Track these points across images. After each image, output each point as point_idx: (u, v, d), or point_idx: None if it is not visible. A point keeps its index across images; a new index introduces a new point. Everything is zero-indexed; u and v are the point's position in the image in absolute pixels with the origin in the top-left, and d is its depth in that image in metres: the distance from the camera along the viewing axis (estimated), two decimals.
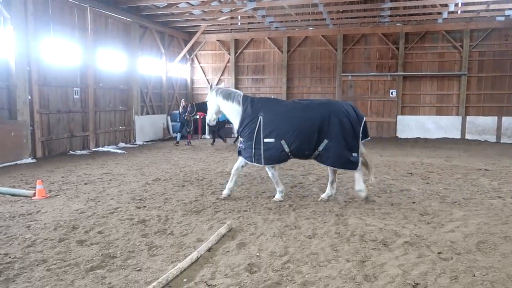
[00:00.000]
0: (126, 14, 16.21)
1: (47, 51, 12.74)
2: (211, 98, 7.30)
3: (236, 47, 21.61)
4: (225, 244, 4.87)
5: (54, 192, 7.63)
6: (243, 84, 21.90)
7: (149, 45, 18.66)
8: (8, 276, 3.96)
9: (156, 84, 19.43)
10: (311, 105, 6.68)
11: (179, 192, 7.70)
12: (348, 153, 6.46)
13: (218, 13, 17.94)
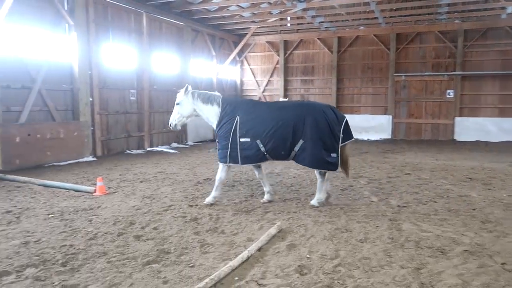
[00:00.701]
0: (179, 18, 16.77)
1: (106, 56, 13.49)
2: (186, 101, 6.99)
3: (285, 48, 21.62)
4: (275, 244, 4.89)
5: (113, 189, 8.06)
6: (292, 85, 21.86)
7: (201, 47, 19.16)
8: (73, 266, 4.24)
9: (207, 85, 19.89)
10: (287, 106, 6.67)
11: (230, 192, 7.83)
12: (325, 153, 6.32)
13: (267, 15, 18.05)
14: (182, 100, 7.02)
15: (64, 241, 5.00)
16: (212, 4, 15.79)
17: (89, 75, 12.65)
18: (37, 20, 11.11)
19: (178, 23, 16.99)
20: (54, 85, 11.69)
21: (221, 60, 20.73)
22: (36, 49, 11.17)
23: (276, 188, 8.15)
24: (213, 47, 20.07)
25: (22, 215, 6.14)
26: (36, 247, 4.77)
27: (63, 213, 6.28)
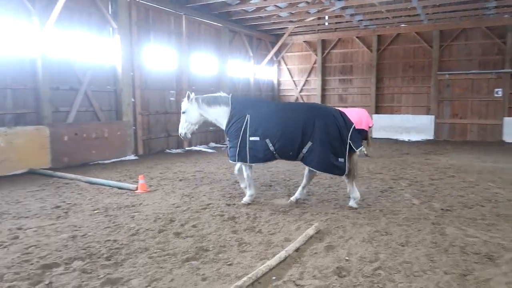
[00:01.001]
0: (217, 19, 17.01)
1: (147, 57, 13.91)
2: (191, 108, 7.06)
3: (323, 48, 21.40)
4: (313, 245, 4.85)
5: (154, 186, 8.29)
6: (330, 85, 21.60)
7: (238, 48, 19.33)
8: (117, 260, 4.41)
9: (244, 86, 20.05)
10: (298, 107, 6.68)
11: (267, 191, 7.85)
12: (333, 157, 6.24)
13: (305, 14, 17.93)
14: (187, 108, 7.11)
15: (109, 236, 5.20)
16: (250, 5, 15.89)
17: (131, 76, 13.10)
18: (84, 25, 11.64)
19: (216, 24, 17.24)
20: (99, 86, 12.21)
21: (258, 61, 20.82)
22: (82, 52, 11.71)
23: (314, 188, 8.08)
24: (251, 47, 20.19)
25: (70, 210, 6.46)
26: (82, 241, 5.00)
27: (107, 209, 6.54)
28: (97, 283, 3.84)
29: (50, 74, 10.66)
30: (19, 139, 9.69)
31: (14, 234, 5.28)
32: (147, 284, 3.83)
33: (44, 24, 10.19)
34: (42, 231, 5.40)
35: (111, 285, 3.81)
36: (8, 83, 9.92)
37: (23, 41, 10.23)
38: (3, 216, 6.14)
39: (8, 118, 10.01)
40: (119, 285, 3.83)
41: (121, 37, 12.57)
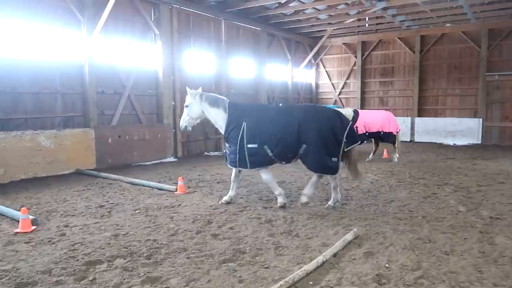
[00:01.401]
0: (255, 23, 17.13)
1: (187, 62, 14.24)
2: (194, 103, 7.14)
3: (363, 50, 20.96)
4: (351, 251, 4.74)
5: (192, 188, 8.44)
6: (370, 88, 21.11)
7: (276, 51, 19.35)
8: (157, 259, 4.51)
9: (282, 89, 20.02)
10: (292, 110, 6.73)
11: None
12: (326, 158, 6.40)
13: (344, 16, 17.66)
14: (190, 103, 7.19)
15: (149, 235, 5.35)
16: (289, 8, 15.88)
17: (172, 80, 13.45)
18: (128, 32, 12.10)
19: (254, 28, 17.36)
20: (141, 90, 12.63)
21: (296, 64, 20.74)
22: (126, 57, 12.17)
23: (352, 193, 7.91)
24: (289, 50, 20.15)
25: (113, 210, 6.70)
26: (124, 240, 5.17)
27: (147, 209, 6.73)
28: (137, 281, 3.95)
29: (96, 79, 11.16)
30: (68, 141, 10.21)
31: (61, 231, 5.55)
32: (185, 284, 3.89)
33: (92, 32, 10.69)
34: (87, 229, 5.63)
35: (150, 284, 3.91)
36: (58, 88, 10.49)
37: (72, 48, 10.78)
38: (52, 213, 6.48)
39: (57, 121, 10.57)
40: (158, 283, 3.91)
41: (163, 43, 12.94)
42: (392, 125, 12.01)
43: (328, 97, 22.44)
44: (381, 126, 11.92)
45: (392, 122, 12.08)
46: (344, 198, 7.43)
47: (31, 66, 9.88)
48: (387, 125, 11.96)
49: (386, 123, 11.94)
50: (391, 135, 12.06)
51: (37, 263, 4.40)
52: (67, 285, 3.89)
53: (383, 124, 11.95)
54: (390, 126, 11.98)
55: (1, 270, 4.22)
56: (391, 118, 12.14)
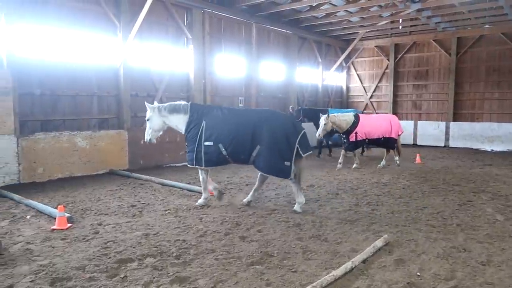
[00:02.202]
0: (286, 27, 17.13)
1: (218, 65, 14.42)
2: (154, 116, 7.31)
3: (396, 52, 20.52)
4: (381, 258, 4.64)
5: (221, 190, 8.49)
6: (403, 91, 20.63)
7: (307, 54, 19.26)
8: (185, 260, 4.58)
9: (312, 92, 19.90)
10: (248, 113, 7.05)
11: (333, 199, 7.68)
12: (279, 161, 6.51)
13: (377, 18, 17.35)
14: (150, 116, 7.35)
15: (178, 236, 5.43)
16: (320, 11, 15.78)
17: (203, 83, 13.65)
18: (161, 36, 12.40)
19: (285, 31, 17.36)
20: (173, 93, 12.89)
21: (327, 67, 20.56)
22: (159, 61, 12.47)
23: (383, 199, 7.74)
24: (319, 53, 20.01)
25: (144, 210, 6.86)
26: (154, 239, 5.28)
27: (177, 210, 6.85)
28: (166, 280, 4.02)
29: (130, 82, 11.49)
30: (102, 142, 10.55)
31: (95, 229, 5.73)
32: (213, 285, 3.93)
33: (127, 37, 11.03)
34: (119, 228, 5.79)
35: (179, 283, 3.97)
36: (95, 90, 10.87)
37: (108, 52, 11.16)
38: (87, 212, 6.70)
39: (93, 122, 10.95)
40: (186, 283, 3.97)
41: (195, 47, 13.17)
42: (393, 130, 11.55)
43: (359, 101, 22.10)
44: (382, 132, 11.45)
45: (394, 126, 11.61)
46: (374, 204, 7.29)
47: (70, 69, 10.30)
48: (388, 131, 11.48)
49: (388, 129, 11.46)
50: (391, 141, 11.60)
51: (72, 259, 4.57)
52: (99, 282, 4.01)
53: (385, 130, 11.47)
54: (392, 131, 11.52)
55: (38, 265, 4.41)
56: (394, 123, 11.67)
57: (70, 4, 10.14)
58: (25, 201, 7.12)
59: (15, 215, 6.48)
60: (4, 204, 7.17)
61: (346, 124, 11.06)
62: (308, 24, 17.63)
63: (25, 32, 9.48)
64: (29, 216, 6.38)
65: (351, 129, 11.04)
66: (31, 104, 9.71)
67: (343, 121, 11.06)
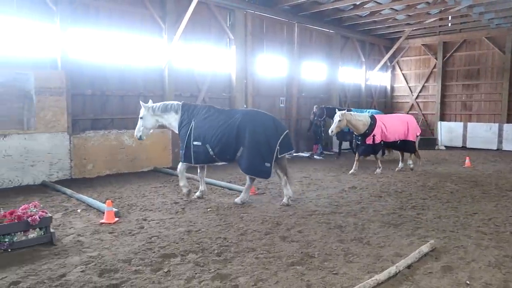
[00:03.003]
0: (329, 26, 16.90)
1: (260, 66, 14.48)
2: (148, 114, 7.61)
3: (444, 51, 19.65)
4: (427, 264, 4.46)
5: (261, 190, 8.56)
6: (451, 91, 19.73)
7: (349, 54, 18.90)
8: (226, 257, 4.64)
9: (355, 92, 19.51)
10: (234, 114, 7.21)
11: (376, 202, 7.48)
12: (260, 161, 6.78)
13: (424, 16, 16.71)
14: (144, 114, 7.64)
15: (219, 233, 5.51)
16: (364, 10, 15.44)
17: (245, 84, 13.77)
18: (205, 37, 12.63)
19: (328, 31, 17.14)
20: (215, 93, 13.10)
21: (370, 66, 20.07)
22: (202, 62, 12.72)
23: (429, 203, 7.44)
24: (363, 53, 19.58)
25: (186, 207, 7.03)
26: (196, 236, 5.39)
27: (218, 208, 6.95)
28: (208, 276, 4.09)
29: (174, 83, 11.80)
30: (147, 141, 10.86)
31: (140, 224, 5.94)
32: (253, 283, 3.95)
33: (172, 38, 11.35)
34: (163, 224, 5.97)
35: (220, 280, 4.02)
36: (141, 91, 11.27)
37: (154, 53, 11.53)
38: (133, 207, 6.96)
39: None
40: (227, 280, 4.02)
41: (237, 47, 13.31)
42: (410, 132, 10.89)
43: (404, 101, 21.40)
44: (400, 135, 10.79)
45: (412, 128, 10.95)
46: (420, 208, 7.04)
47: (118, 71, 10.75)
48: (405, 133, 10.82)
49: (405, 130, 10.80)
50: (409, 144, 10.94)
51: (119, 252, 4.76)
52: (144, 275, 4.15)
53: (402, 132, 10.79)
54: (409, 133, 10.86)
55: (88, 256, 4.63)
56: (411, 124, 11.01)
57: (119, 8, 10.59)
58: (76, 196, 7.52)
59: (67, 208, 6.86)
60: (58, 198, 7.61)
61: (363, 126, 10.34)
62: (351, 23, 17.30)
63: (78, 35, 10.00)
64: (79, 210, 6.73)
65: (368, 132, 10.33)
66: (82, 103, 10.23)
67: (359, 121, 10.33)
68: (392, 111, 21.34)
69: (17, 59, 8.99)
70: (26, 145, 8.81)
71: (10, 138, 8.61)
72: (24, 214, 4.95)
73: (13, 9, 8.89)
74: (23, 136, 8.81)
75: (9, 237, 4.78)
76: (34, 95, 8.97)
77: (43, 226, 5.06)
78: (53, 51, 9.54)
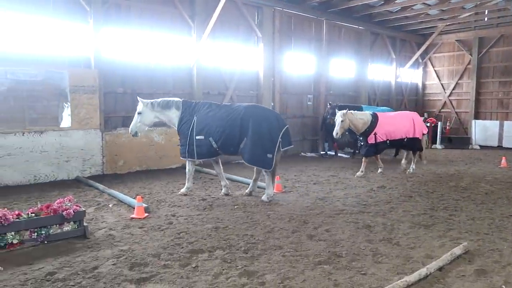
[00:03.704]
0: (358, 22, 16.61)
1: (287, 63, 14.42)
2: (146, 110, 7.55)
3: (480, 46, 18.93)
4: (460, 266, 4.32)
5: (288, 188, 8.53)
6: (487, 88, 19.00)
7: (379, 51, 18.52)
8: (253, 254, 4.66)
9: (384, 90, 19.11)
10: (236, 108, 7.36)
11: (406, 202, 7.31)
12: (262, 152, 7.01)
13: (459, 10, 16.15)
14: (143, 110, 7.56)
15: (246, 230, 5.54)
16: (395, 5, 15.09)
17: (272, 81, 13.74)
18: (233, 35, 12.70)
19: (357, 27, 16.85)
20: (243, 91, 13.15)
21: (401, 63, 19.60)
22: (230, 60, 12.79)
23: (462, 203, 7.21)
24: (393, 49, 19.13)
25: (214, 204, 7.10)
26: (224, 233, 5.44)
27: (245, 205, 6.98)
28: (235, 273, 4.13)
29: (203, 81, 11.93)
30: (176, 138, 11.03)
31: (169, 220, 6.06)
32: (280, 281, 3.95)
33: (201, 37, 11.47)
34: (191, 220, 6.06)
35: (247, 277, 4.05)
36: (170, 89, 11.45)
37: (183, 52, 11.69)
38: (161, 203, 7.10)
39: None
40: (254, 277, 4.03)
41: (265, 45, 13.30)
42: (417, 129, 10.25)
43: (436, 99, 20.79)
44: (406, 132, 10.14)
45: (418, 125, 10.33)
46: (452, 209, 6.83)
47: (148, 69, 10.96)
48: (411, 130, 10.17)
49: (411, 128, 10.17)
50: (416, 141, 10.32)
51: (148, 247, 4.87)
52: (173, 269, 4.23)
53: (408, 129, 10.15)
54: (416, 130, 10.23)
55: (119, 250, 4.77)
56: (416, 120, 10.41)
57: (149, 7, 10.79)
58: (108, 191, 7.74)
59: (99, 203, 7.07)
60: (90, 193, 7.86)
61: (363, 124, 9.80)
62: (382, 19, 16.94)
63: (110, 35, 10.27)
64: (111, 205, 6.93)
65: (369, 130, 9.78)
66: (114, 101, 10.50)
67: (359, 120, 9.80)
68: (423, 109, 20.81)
69: (53, 58, 9.33)
70: (61, 142, 9.14)
71: (47, 135, 8.96)
72: (59, 208, 5.14)
73: (49, 11, 9.22)
74: (58, 133, 9.15)
75: (45, 230, 4.98)
76: (69, 93, 9.29)
77: (77, 219, 5.24)
78: (86, 50, 9.84)
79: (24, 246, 4.83)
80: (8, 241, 4.69)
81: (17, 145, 8.54)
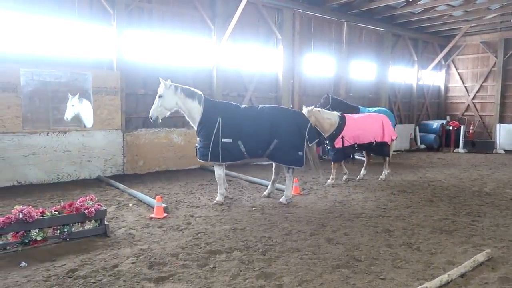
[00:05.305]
0: (379, 24, 16.42)
1: (307, 65, 14.37)
2: (169, 93, 6.96)
3: (505, 48, 18.44)
4: (483, 274, 4.21)
5: (307, 190, 8.49)
6: None
7: (400, 52, 18.25)
8: (271, 256, 4.65)
9: (406, 92, 18.81)
10: (263, 110, 7.31)
11: (427, 207, 7.17)
12: (294, 151, 7.16)
13: (484, 11, 15.76)
14: (164, 92, 6.95)
15: (264, 232, 5.54)
16: (418, 6, 14.86)
17: (291, 83, 13.72)
18: (252, 37, 12.74)
19: (378, 29, 16.66)
20: (262, 92, 13.17)
21: (423, 65, 19.26)
22: (249, 62, 12.84)
23: (486, 209, 7.02)
24: (415, 51, 18.82)
25: (232, 205, 7.13)
26: (242, 234, 5.45)
27: (263, 207, 6.98)
28: (252, 274, 4.13)
29: (222, 82, 12.01)
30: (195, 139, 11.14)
31: (187, 220, 6.11)
32: (297, 284, 3.93)
33: (221, 39, 11.56)
34: (209, 221, 6.09)
35: (265, 279, 4.05)
36: None
37: (204, 54, 11.80)
38: (180, 204, 7.18)
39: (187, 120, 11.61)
40: (272, 280, 4.03)
41: (284, 47, 13.30)
42: (386, 133, 9.50)
43: (459, 102, 20.33)
44: (374, 136, 9.39)
45: (387, 128, 9.56)
46: (475, 214, 6.66)
47: (169, 71, 11.05)
48: (380, 134, 9.43)
49: (379, 131, 9.41)
50: (385, 146, 9.57)
51: (167, 246, 4.93)
52: (191, 269, 4.26)
53: (377, 132, 9.41)
54: (385, 134, 9.47)
55: (139, 249, 4.84)
56: (386, 124, 9.60)
57: (171, 10, 10.94)
58: (128, 190, 7.87)
59: (119, 202, 7.20)
60: (111, 192, 8.01)
61: (330, 126, 8.97)
62: (404, 20, 16.69)
63: (132, 37, 10.45)
64: (131, 204, 7.04)
65: (336, 133, 8.96)
66: (135, 102, 10.67)
67: (326, 120, 8.94)
68: (445, 112, 20.40)
69: (77, 60, 9.56)
70: (83, 142, 9.34)
71: (70, 135, 9.17)
72: (81, 206, 5.26)
73: (74, 14, 9.46)
74: (81, 133, 9.36)
75: (68, 228, 5.11)
76: (92, 94, 9.50)
77: (98, 218, 5.35)
78: (109, 52, 10.04)
79: (47, 243, 4.96)
80: (32, 238, 4.82)
81: (41, 145, 8.77)
